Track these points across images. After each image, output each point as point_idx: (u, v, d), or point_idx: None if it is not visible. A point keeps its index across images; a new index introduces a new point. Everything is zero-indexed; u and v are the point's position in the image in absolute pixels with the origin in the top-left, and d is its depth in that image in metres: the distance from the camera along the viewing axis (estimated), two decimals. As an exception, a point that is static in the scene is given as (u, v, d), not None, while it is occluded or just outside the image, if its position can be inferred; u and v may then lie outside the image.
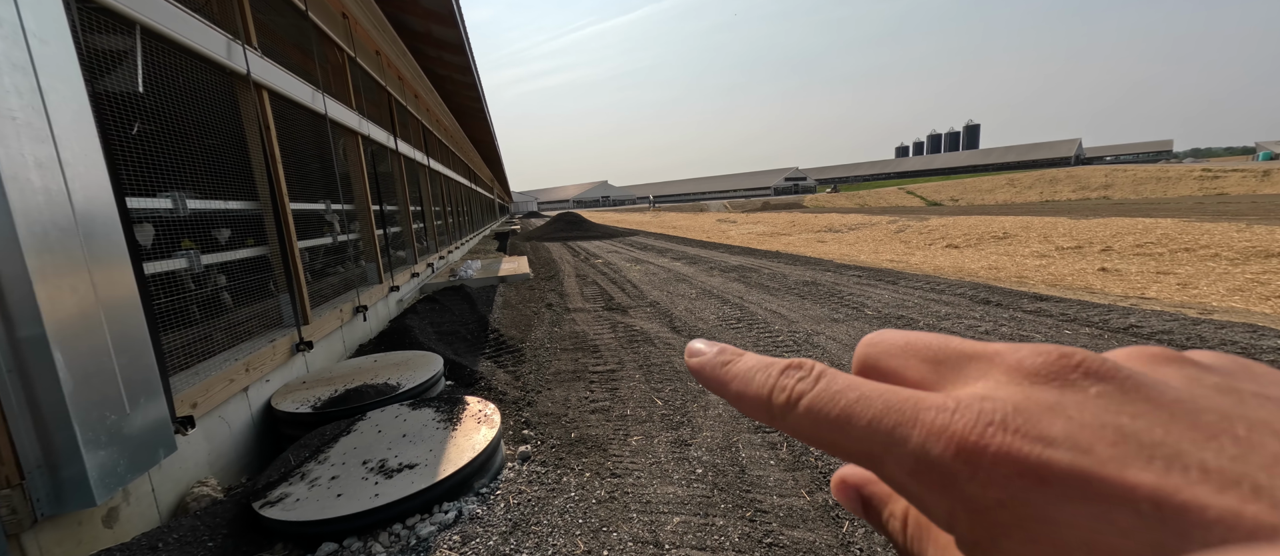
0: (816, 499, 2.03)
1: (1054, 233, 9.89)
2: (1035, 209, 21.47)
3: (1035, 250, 8.70)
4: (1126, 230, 9.12)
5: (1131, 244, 8.08)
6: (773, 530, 1.84)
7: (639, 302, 6.13)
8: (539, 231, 21.06)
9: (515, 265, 9.06)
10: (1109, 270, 6.51)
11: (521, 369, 3.83)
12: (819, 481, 2.14)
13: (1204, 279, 5.55)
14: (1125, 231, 9.00)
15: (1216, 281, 5.41)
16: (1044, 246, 8.91)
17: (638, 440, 2.61)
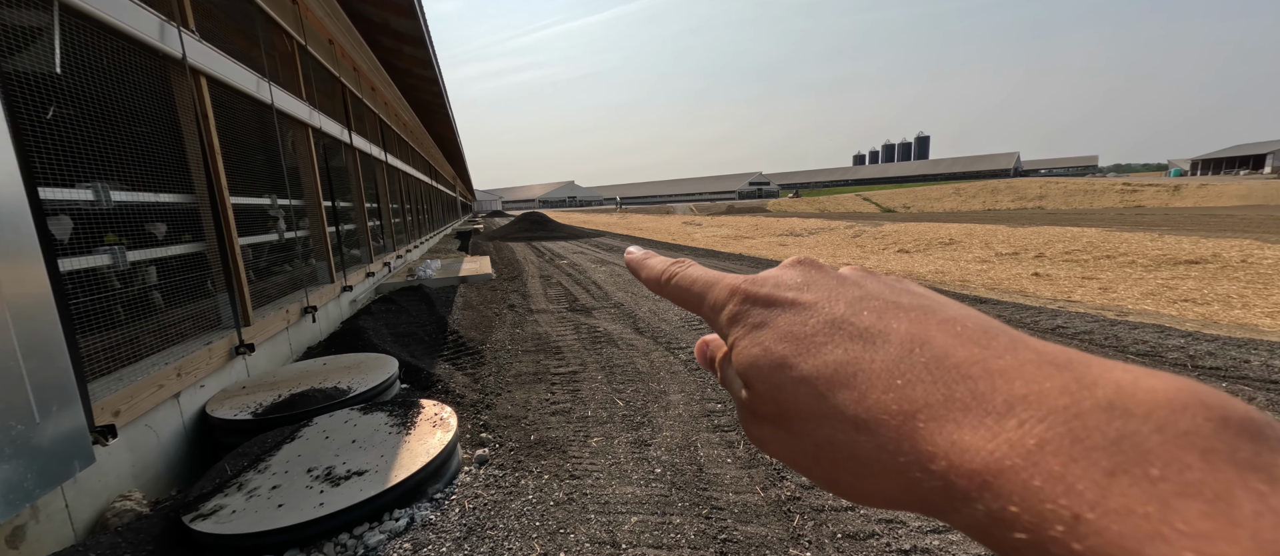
0: (770, 494, 2.09)
1: (994, 239, 10.56)
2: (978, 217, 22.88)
3: (977, 255, 9.26)
4: (1057, 238, 9.84)
5: (1061, 251, 8.73)
6: (727, 526, 1.89)
7: (603, 304, 6.12)
8: (503, 231, 20.68)
9: (477, 265, 8.86)
10: (1041, 275, 7.01)
11: (481, 371, 3.75)
12: (773, 477, 2.21)
13: (1122, 283, 6.07)
14: (1056, 239, 9.71)
15: (1132, 286, 5.92)
16: (985, 252, 9.49)
17: (598, 441, 2.61)
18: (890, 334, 0.16)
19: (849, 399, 0.16)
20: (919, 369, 0.15)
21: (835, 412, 0.16)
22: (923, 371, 0.15)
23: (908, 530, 1.85)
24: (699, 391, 3.23)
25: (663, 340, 4.43)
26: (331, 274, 5.13)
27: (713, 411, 2.92)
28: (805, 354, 0.17)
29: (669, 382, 3.41)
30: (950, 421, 0.14)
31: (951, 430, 0.14)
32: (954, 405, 0.14)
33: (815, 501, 2.04)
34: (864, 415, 0.15)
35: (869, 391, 0.15)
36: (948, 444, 0.13)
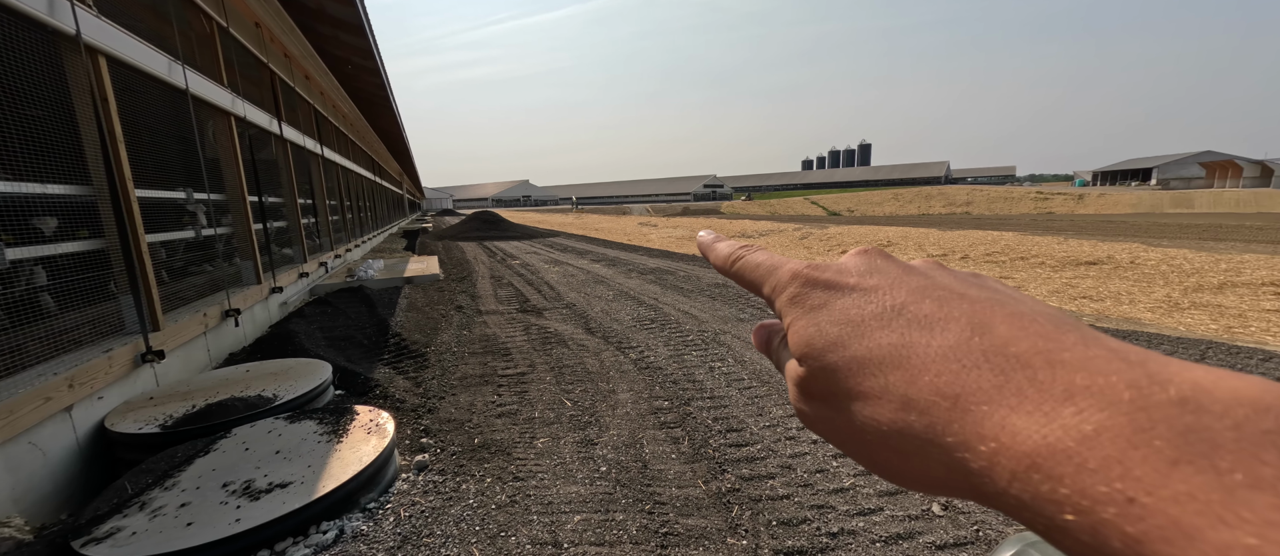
0: (712, 487, 2.15)
1: (926, 241, 11.33)
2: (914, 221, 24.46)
3: (911, 256, 9.89)
4: (980, 241, 10.70)
5: (982, 252, 9.50)
6: (669, 520, 1.93)
7: (555, 304, 6.06)
8: (453, 230, 19.99)
9: (423, 265, 8.52)
10: (965, 274, 7.60)
11: (424, 374, 3.62)
12: (714, 471, 2.27)
13: (1032, 282, 6.68)
14: (979, 242, 10.55)
15: (1041, 284, 6.54)
16: (919, 254, 10.16)
17: (544, 442, 2.59)
18: (950, 321, 0.17)
19: (900, 379, 0.16)
20: (976, 355, 0.15)
21: (885, 392, 0.16)
22: (980, 357, 0.15)
23: (836, 514, 1.96)
24: (647, 390, 3.27)
25: (614, 340, 4.44)
26: (258, 274, 4.78)
27: (660, 409, 2.97)
28: (860, 335, 0.18)
29: (618, 382, 3.43)
30: (1004, 405, 0.14)
31: (1004, 414, 0.14)
32: (1009, 390, 0.14)
33: (753, 492, 2.12)
34: (914, 395, 0.16)
35: (922, 373, 0.16)
36: (998, 426, 0.14)
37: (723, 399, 3.09)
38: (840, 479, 2.20)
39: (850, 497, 2.06)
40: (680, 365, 3.74)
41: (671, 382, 3.39)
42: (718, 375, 3.51)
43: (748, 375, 3.49)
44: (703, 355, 3.95)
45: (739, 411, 2.91)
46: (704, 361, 3.81)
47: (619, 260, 10.37)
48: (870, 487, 2.12)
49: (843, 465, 2.30)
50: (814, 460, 2.35)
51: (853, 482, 2.16)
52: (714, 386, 3.30)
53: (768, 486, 2.15)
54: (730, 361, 3.79)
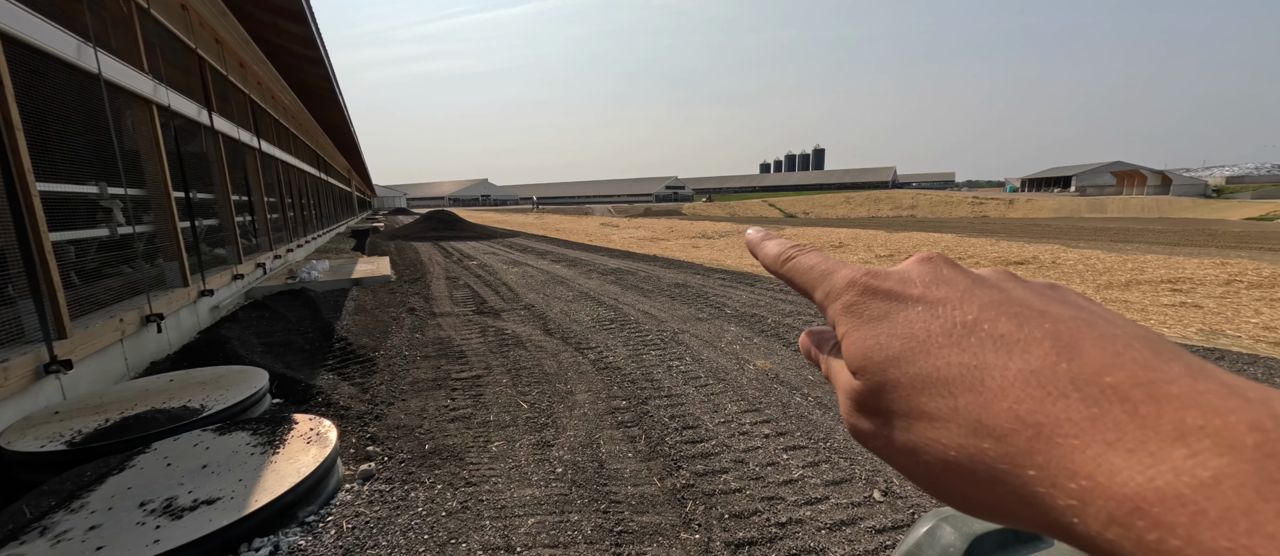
0: (667, 484, 2.18)
1: (875, 243, 11.92)
2: (864, 223, 25.66)
3: (861, 257, 10.38)
4: (922, 242, 11.35)
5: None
6: (624, 518, 1.94)
7: (513, 306, 5.95)
8: (406, 230, 19.24)
9: (373, 266, 8.16)
10: (909, 274, 8.05)
11: (372, 380, 3.46)
12: (670, 468, 2.30)
13: (968, 281, 7.18)
14: (922, 243, 11.20)
15: (975, 283, 7.03)
16: (867, 254, 10.66)
17: (499, 445, 2.54)
18: (1032, 342, 0.15)
19: (973, 403, 0.15)
20: (1063, 382, 0.14)
21: (954, 415, 0.15)
22: (1067, 385, 0.14)
23: (785, 505, 2.03)
24: (605, 390, 3.27)
25: (573, 341, 4.41)
26: (185, 276, 4.43)
27: (618, 409, 2.98)
28: (926, 352, 0.17)
29: (576, 383, 3.41)
30: (1098, 440, 0.13)
31: (1099, 450, 0.13)
32: (1104, 424, 0.13)
33: (707, 487, 2.16)
34: (989, 421, 0.15)
35: (999, 398, 0.15)
36: (1092, 463, 0.13)
37: (680, 397, 3.14)
38: (790, 470, 2.28)
39: (798, 488, 2.14)
40: (639, 365, 3.76)
41: (630, 382, 3.41)
42: (676, 374, 3.55)
43: (705, 373, 3.55)
44: (661, 354, 3.99)
45: (695, 409, 2.96)
46: (662, 360, 3.85)
47: (580, 261, 10.30)
48: (817, 479, 2.22)
49: (793, 458, 2.39)
50: (765, 454, 2.43)
51: (801, 474, 2.25)
52: (672, 385, 3.34)
53: (721, 481, 2.21)
54: (688, 360, 3.84)
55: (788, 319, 5.04)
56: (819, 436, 2.59)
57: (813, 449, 2.47)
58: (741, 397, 3.11)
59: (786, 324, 4.84)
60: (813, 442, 2.53)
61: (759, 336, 4.43)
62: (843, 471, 2.26)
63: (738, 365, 3.70)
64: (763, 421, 2.78)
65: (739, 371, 3.58)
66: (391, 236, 17.43)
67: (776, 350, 4.03)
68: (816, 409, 2.93)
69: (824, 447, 2.48)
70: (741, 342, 4.25)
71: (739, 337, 4.40)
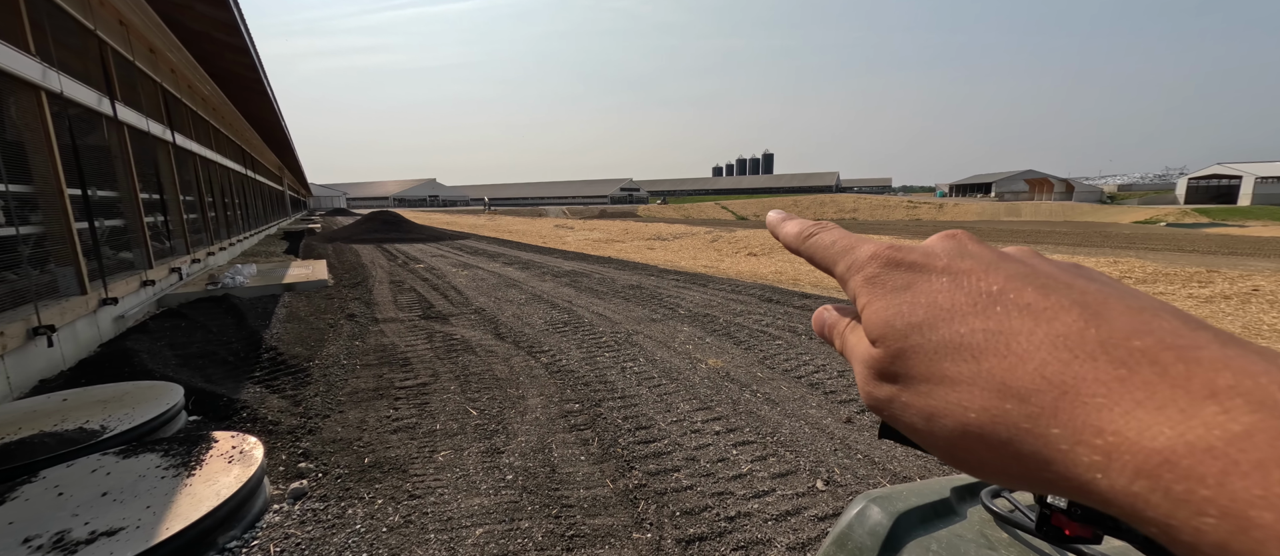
0: (619, 485, 2.18)
1: (819, 244, 12.48)
2: (810, 225, 26.68)
3: (807, 258, 10.85)
4: (863, 243, 12.01)
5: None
6: (576, 522, 1.92)
7: (463, 310, 5.76)
8: (346, 231, 18.16)
9: (308, 270, 7.65)
10: (850, 273, 8.49)
11: (305, 392, 3.24)
12: (622, 469, 2.30)
13: (903, 279, 7.66)
14: (862, 244, 11.86)
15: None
16: (812, 255, 11.17)
17: (445, 455, 2.45)
18: (1058, 310, 0.15)
19: (998, 366, 0.15)
20: (1092, 346, 0.14)
21: (976, 378, 0.16)
22: (1096, 348, 0.14)
23: (734, 499, 2.08)
24: (558, 394, 3.23)
25: (525, 345, 4.33)
26: (83, 283, 3.97)
27: (571, 411, 2.95)
28: (949, 319, 0.17)
29: (528, 387, 3.35)
30: (1127, 399, 0.13)
31: (1128, 407, 0.13)
32: (1134, 384, 0.13)
33: (659, 486, 2.18)
34: (1014, 382, 0.15)
35: (1024, 362, 0.15)
36: (1120, 419, 0.13)
37: (633, 398, 3.15)
38: (739, 465, 2.34)
39: (747, 482, 2.21)
40: (593, 367, 3.74)
41: (583, 385, 3.38)
42: (629, 375, 3.56)
43: (658, 374, 3.59)
44: (615, 356, 3.99)
45: (649, 409, 2.98)
46: (616, 362, 3.85)
47: (533, 263, 10.12)
48: (765, 472, 2.29)
49: (742, 453, 2.46)
50: (716, 450, 2.49)
51: (750, 468, 2.32)
52: (625, 387, 3.35)
53: (673, 479, 2.23)
54: (642, 361, 3.87)
55: (738, 318, 5.18)
56: (766, 431, 2.68)
57: (760, 443, 2.55)
58: (694, 396, 3.16)
59: (737, 323, 4.97)
60: (760, 437, 2.61)
61: (711, 336, 4.52)
62: (788, 464, 2.35)
63: (690, 364, 3.76)
64: (713, 418, 2.84)
65: (692, 370, 3.64)
66: (329, 238, 16.40)
67: (727, 348, 4.13)
68: (765, 404, 3.03)
69: (771, 441, 2.57)
70: (694, 342, 4.33)
71: (692, 337, 4.48)
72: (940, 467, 2.24)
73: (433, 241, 15.66)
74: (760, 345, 4.21)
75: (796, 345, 4.19)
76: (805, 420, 2.80)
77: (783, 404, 3.03)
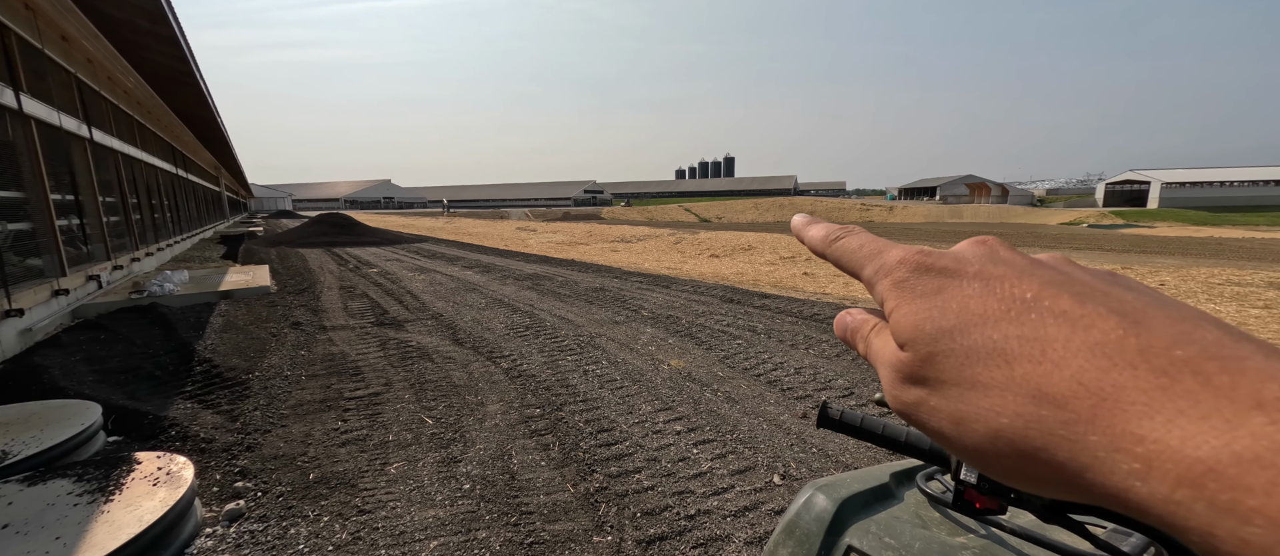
0: (580, 489, 2.16)
1: (779, 246, 12.83)
2: (770, 227, 27.55)
3: (767, 259, 11.12)
4: (819, 244, 12.45)
5: (821, 254, 11.09)
6: (535, 529, 1.89)
7: (419, 315, 5.56)
8: (292, 235, 17.18)
9: (248, 276, 7.19)
10: (809, 273, 8.77)
11: (243, 406, 3.04)
12: (583, 473, 2.29)
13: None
14: (818, 245, 12.29)
15: (861, 280, 7.84)
16: (773, 256, 11.46)
17: (399, 466, 2.35)
18: (1095, 318, 0.15)
19: (1033, 372, 0.15)
20: (1132, 354, 0.14)
21: (1010, 384, 0.16)
22: (1136, 357, 0.14)
23: (694, 497, 2.11)
24: (519, 399, 3.17)
25: (484, 350, 4.22)
26: (-20, 293, 3.57)
27: (531, 417, 2.90)
28: (981, 324, 0.17)
29: (488, 394, 3.27)
30: (1169, 407, 0.13)
31: (1171, 416, 0.13)
32: (1176, 393, 0.13)
33: (620, 488, 2.18)
34: (1051, 389, 0.15)
35: (1060, 368, 0.15)
36: (1162, 428, 0.13)
37: (595, 401, 3.13)
38: (699, 464, 2.37)
39: (707, 480, 2.24)
40: (554, 371, 3.70)
41: (544, 390, 3.34)
42: (592, 378, 3.54)
43: (621, 376, 3.58)
44: (578, 360, 3.96)
45: (610, 412, 2.97)
46: (579, 366, 3.82)
47: (494, 266, 9.91)
48: (724, 469, 2.33)
49: (702, 452, 2.49)
50: (677, 450, 2.51)
51: (710, 466, 2.35)
52: (587, 390, 3.33)
53: (634, 481, 2.24)
54: (604, 364, 3.85)
55: (700, 319, 5.25)
56: (726, 428, 2.73)
57: (720, 441, 2.59)
58: (655, 397, 3.18)
59: (699, 324, 5.04)
60: (721, 435, 2.66)
61: (674, 337, 4.56)
62: (747, 460, 2.40)
63: (653, 366, 3.78)
64: (675, 419, 2.87)
65: (654, 372, 3.66)
66: (272, 242, 15.47)
67: (690, 349, 4.18)
68: (725, 403, 3.08)
69: (731, 439, 2.61)
70: (657, 344, 4.35)
71: (655, 339, 4.50)
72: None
73: (388, 245, 15.05)
74: (721, 345, 4.28)
75: (756, 344, 4.29)
76: (763, 417, 2.87)
77: (742, 401, 3.10)
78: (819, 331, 4.67)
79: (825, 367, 3.70)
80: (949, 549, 0.61)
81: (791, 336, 4.51)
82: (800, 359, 3.89)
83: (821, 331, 4.66)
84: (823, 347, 4.15)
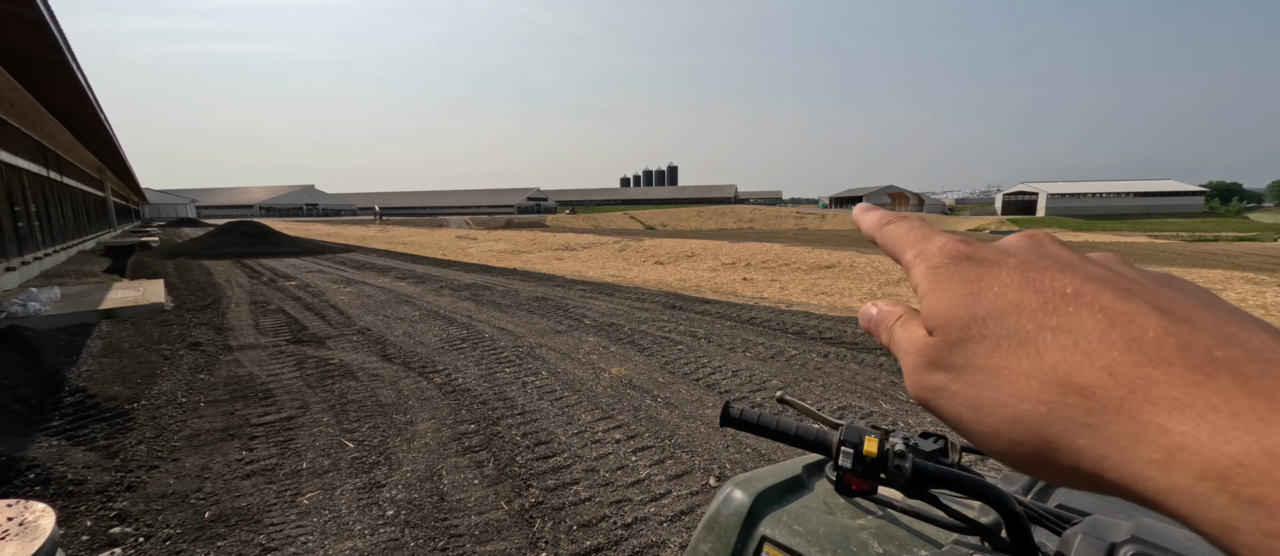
0: (515, 506, 2.09)
1: (721, 252, 13.22)
2: (712, 234, 28.37)
3: (709, 265, 11.42)
4: (758, 252, 12.95)
5: (759, 260, 11.53)
6: (465, 552, 1.80)
7: (343, 331, 5.18)
8: (194, 245, 15.50)
9: (136, 292, 6.39)
10: (748, 279, 9.09)
11: (125, 440, 2.68)
12: (518, 489, 2.22)
13: (793, 284, 8.37)
14: (757, 252, 12.77)
15: (796, 284, 8.24)
16: (715, 263, 11.78)
17: (313, 496, 2.16)
18: (1137, 315, 0.15)
19: (1063, 362, 0.15)
20: (1170, 351, 0.14)
21: (1037, 372, 0.16)
22: (1174, 354, 0.14)
23: (631, 505, 2.10)
24: (452, 416, 3.02)
25: (416, 365, 4.00)
26: None
27: (464, 433, 2.77)
28: (1017, 313, 0.17)
29: (418, 411, 3.09)
30: (1202, 403, 0.13)
31: (1202, 411, 0.13)
32: (1211, 390, 0.13)
33: (556, 501, 2.13)
34: (1080, 379, 0.15)
35: (1093, 359, 0.15)
36: (1191, 422, 0.13)
37: (533, 413, 3.05)
38: (638, 471, 2.37)
39: (645, 487, 2.24)
40: (491, 384, 3.57)
41: (480, 404, 3.21)
42: (531, 390, 3.45)
43: (561, 386, 3.52)
44: (516, 371, 3.85)
45: (549, 423, 2.91)
46: (517, 377, 3.71)
47: (430, 277, 9.45)
48: (662, 474, 2.35)
49: (641, 459, 2.49)
50: (616, 459, 2.49)
51: (648, 473, 2.36)
52: (526, 402, 3.24)
53: (571, 492, 2.19)
54: (544, 374, 3.77)
55: (643, 325, 5.28)
56: (665, 434, 2.75)
57: (659, 447, 2.61)
58: (596, 406, 3.15)
59: (642, 330, 5.07)
60: (659, 441, 2.67)
61: (616, 344, 4.55)
62: (684, 464, 2.43)
63: (594, 375, 3.75)
64: (615, 427, 2.85)
65: (595, 381, 3.62)
66: (170, 254, 13.87)
67: (631, 356, 4.19)
68: (665, 408, 3.11)
69: (669, 444, 2.64)
70: (599, 352, 4.33)
71: (597, 347, 4.47)
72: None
73: (310, 255, 13.94)
74: (663, 351, 4.33)
75: (696, 349, 4.37)
76: (701, 420, 2.92)
77: (681, 406, 3.14)
78: (756, 335, 4.84)
79: (760, 369, 3.83)
80: (849, 530, 0.67)
81: (730, 340, 4.64)
82: (738, 362, 4.01)
83: (758, 335, 4.84)
84: (758, 351, 4.31)
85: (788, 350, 4.30)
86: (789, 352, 4.23)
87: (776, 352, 4.25)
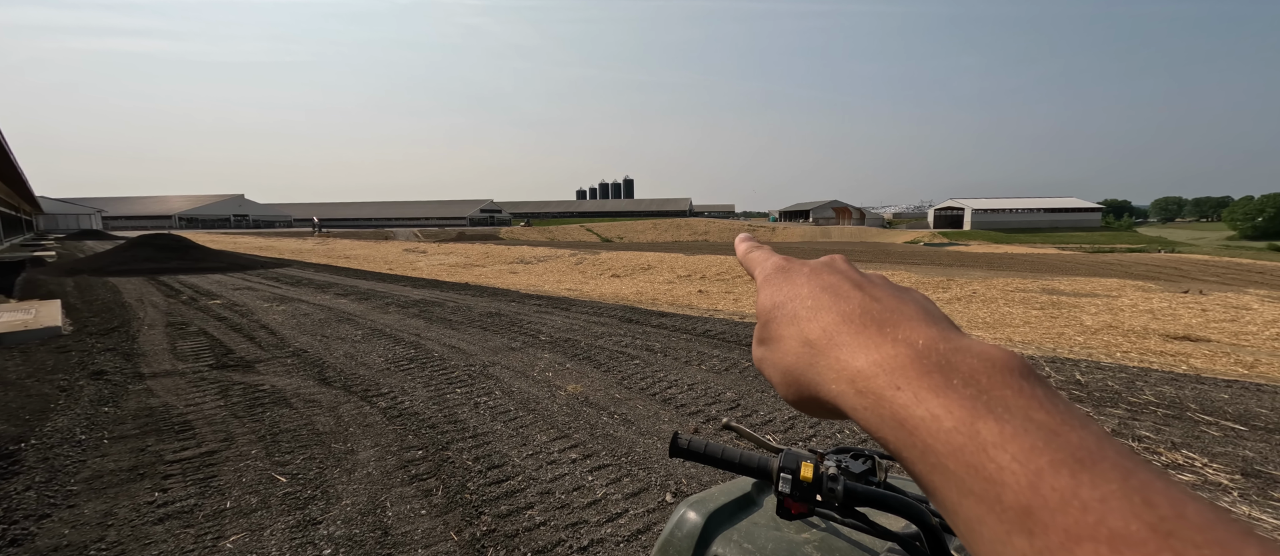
0: (465, 535, 2.00)
1: (677, 265, 13.41)
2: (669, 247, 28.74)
3: (666, 278, 11.55)
4: (712, 264, 13.24)
5: (714, 273, 11.78)
6: (411, 589, 1.70)
7: (276, 353, 4.81)
8: (100, 261, 13.98)
9: (25, 315, 5.68)
10: (703, 291, 9.26)
11: (11, 486, 2.35)
12: (469, 517, 2.13)
13: (746, 296, 8.60)
14: (712, 265, 13.05)
15: (749, 297, 8.47)
16: (671, 275, 11.93)
17: (238, 539, 1.98)
18: (852, 297, 0.24)
19: (807, 327, 0.23)
20: (856, 317, 0.22)
21: (795, 336, 0.24)
22: (858, 318, 0.22)
23: (588, 527, 2.07)
24: (397, 442, 2.87)
25: (358, 389, 3.78)
26: None
27: (411, 461, 2.64)
28: (795, 300, 0.25)
29: (360, 439, 2.92)
30: (854, 343, 0.21)
31: (854, 348, 0.21)
32: (862, 336, 0.21)
33: (510, 528, 2.06)
34: (811, 336, 0.23)
35: (819, 324, 0.23)
36: (848, 355, 0.21)
37: (486, 436, 2.95)
38: (594, 491, 2.34)
39: (601, 507, 2.21)
40: (441, 407, 3.42)
41: (429, 428, 3.07)
42: (483, 411, 3.34)
43: (515, 406, 3.43)
44: (468, 392, 3.72)
45: (502, 446, 2.82)
46: (469, 398, 3.58)
47: (375, 293, 8.99)
48: (618, 493, 2.33)
49: (597, 478, 2.46)
50: (572, 479, 2.45)
51: (604, 493, 2.33)
52: (478, 424, 3.13)
53: (526, 517, 2.13)
54: (498, 394, 3.66)
55: (599, 340, 5.25)
56: (621, 452, 2.74)
57: (615, 465, 2.59)
58: (551, 426, 3.09)
59: (598, 346, 5.04)
60: (615, 459, 2.65)
61: (572, 361, 4.50)
62: (641, 482, 2.42)
63: (549, 393, 3.68)
64: (571, 447, 2.81)
65: (550, 399, 3.56)
66: (70, 271, 12.44)
67: (588, 372, 4.15)
68: (621, 425, 3.09)
69: (625, 461, 2.62)
70: (554, 369, 4.26)
71: (552, 364, 4.40)
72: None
73: (238, 271, 12.91)
74: (619, 366, 4.31)
75: (653, 363, 4.40)
76: (658, 436, 2.93)
77: (638, 422, 3.14)
78: (711, 347, 4.93)
79: (716, 382, 3.90)
80: (795, 545, 0.71)
81: (686, 353, 4.70)
82: (694, 375, 4.07)
83: (713, 347, 4.93)
84: (713, 363, 4.39)
85: (741, 362, 4.40)
86: (742, 364, 4.34)
87: (731, 364, 4.34)
